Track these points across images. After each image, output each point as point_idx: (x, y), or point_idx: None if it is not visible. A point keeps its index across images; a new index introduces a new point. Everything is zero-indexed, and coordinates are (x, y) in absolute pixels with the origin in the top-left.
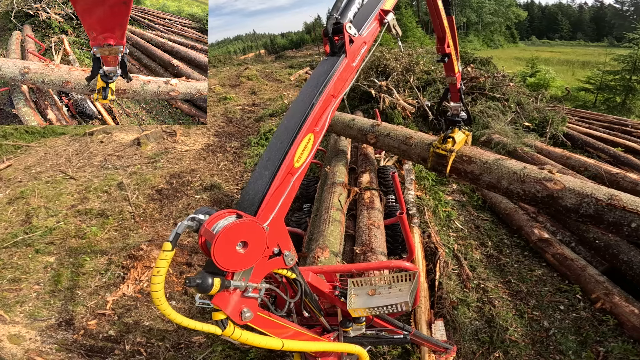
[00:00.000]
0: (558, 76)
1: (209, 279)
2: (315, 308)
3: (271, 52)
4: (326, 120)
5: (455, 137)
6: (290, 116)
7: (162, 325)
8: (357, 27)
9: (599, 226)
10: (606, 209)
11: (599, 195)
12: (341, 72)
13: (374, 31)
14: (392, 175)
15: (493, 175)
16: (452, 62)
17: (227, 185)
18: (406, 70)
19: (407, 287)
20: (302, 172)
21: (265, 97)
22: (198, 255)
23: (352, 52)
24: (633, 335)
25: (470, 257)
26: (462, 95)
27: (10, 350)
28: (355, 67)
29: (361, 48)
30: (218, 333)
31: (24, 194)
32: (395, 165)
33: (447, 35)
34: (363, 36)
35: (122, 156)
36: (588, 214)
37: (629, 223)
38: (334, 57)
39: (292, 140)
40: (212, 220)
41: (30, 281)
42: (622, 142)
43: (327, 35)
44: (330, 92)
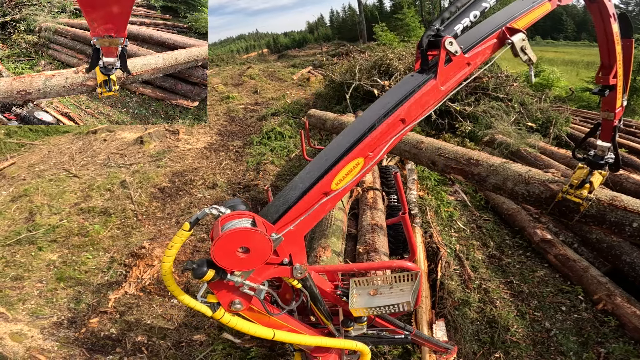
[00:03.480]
0: (562, 76)
1: (204, 267)
2: (325, 316)
3: (274, 51)
4: (385, 147)
5: (594, 181)
6: (347, 133)
7: (163, 323)
8: (463, 45)
9: (602, 226)
10: (608, 209)
11: (600, 196)
12: (422, 95)
13: (487, 50)
14: (394, 175)
15: (499, 177)
16: (614, 96)
17: (229, 184)
18: (409, 71)
19: (409, 287)
20: (338, 196)
21: (268, 96)
22: (200, 254)
23: (444, 74)
24: (634, 337)
25: (472, 257)
26: (617, 134)
27: (12, 347)
28: (444, 91)
29: (459, 70)
30: (208, 314)
31: (27, 191)
32: (397, 165)
33: (618, 64)
34: (468, 56)
35: (125, 154)
36: (590, 214)
37: (631, 223)
38: (420, 75)
39: (336, 161)
40: (228, 218)
41: (32, 279)
42: (626, 143)
43: (420, 49)
44: (401, 116)
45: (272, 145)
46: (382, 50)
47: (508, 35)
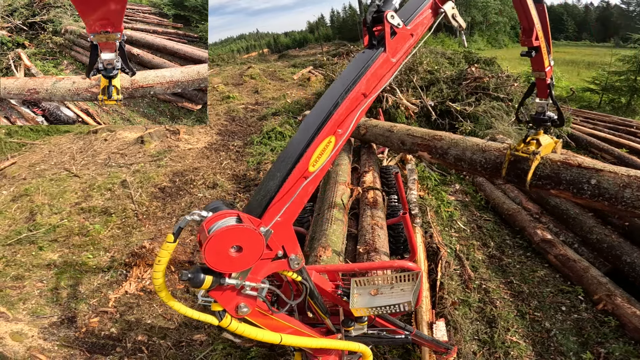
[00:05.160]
0: (563, 76)
1: (200, 274)
2: (322, 310)
3: (274, 51)
4: (352, 122)
5: (541, 139)
6: (313, 115)
7: (163, 323)
8: (403, 17)
9: (559, 188)
10: (562, 168)
11: (554, 157)
12: (377, 68)
13: (425, 21)
14: (395, 175)
15: (459, 148)
16: (541, 56)
17: (229, 184)
18: (409, 70)
19: (409, 287)
20: (317, 177)
21: (269, 96)
22: (200, 254)
23: (392, 46)
24: (634, 337)
25: (472, 257)
26: (552, 91)
27: (12, 347)
28: (395, 63)
29: (405, 41)
30: (215, 323)
31: (28, 191)
32: (398, 165)
33: (536, 27)
34: (410, 27)
35: (125, 154)
36: (545, 175)
37: (588, 180)
38: (371, 51)
39: (309, 142)
40: (212, 220)
41: (33, 278)
42: (627, 143)
43: (366, 25)
44: (361, 91)
45: (273, 145)
46: None
47: (440, 4)
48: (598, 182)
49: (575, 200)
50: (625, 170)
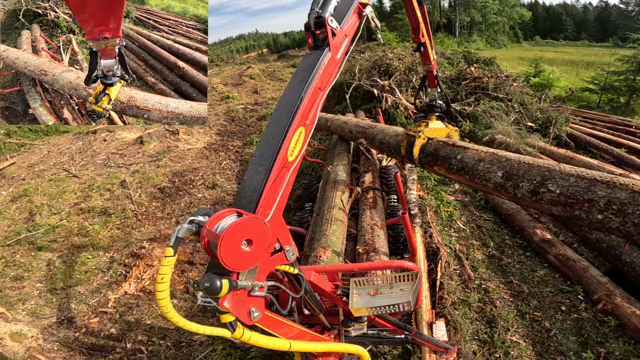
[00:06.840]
0: (562, 76)
1: (217, 281)
2: (315, 305)
3: (274, 51)
4: (315, 113)
5: (431, 123)
6: (280, 111)
7: (163, 323)
8: (337, 21)
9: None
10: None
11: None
12: (326, 66)
13: (353, 24)
14: (394, 175)
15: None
16: (427, 51)
17: (229, 184)
18: (409, 70)
19: (409, 287)
20: (297, 166)
21: (268, 96)
22: (200, 254)
23: (335, 46)
24: (634, 336)
25: (472, 257)
26: (440, 82)
27: (12, 348)
28: (339, 59)
29: (343, 41)
30: (228, 336)
31: (27, 191)
32: (397, 165)
33: (421, 25)
34: (344, 29)
35: (124, 154)
36: (430, 152)
37: (455, 156)
38: (317, 51)
39: (284, 135)
40: (214, 221)
41: (32, 279)
42: (626, 142)
43: (310, 29)
44: (317, 86)
45: None
46: (381, 50)
47: (362, 8)
48: (462, 157)
49: (450, 177)
50: (484, 148)
